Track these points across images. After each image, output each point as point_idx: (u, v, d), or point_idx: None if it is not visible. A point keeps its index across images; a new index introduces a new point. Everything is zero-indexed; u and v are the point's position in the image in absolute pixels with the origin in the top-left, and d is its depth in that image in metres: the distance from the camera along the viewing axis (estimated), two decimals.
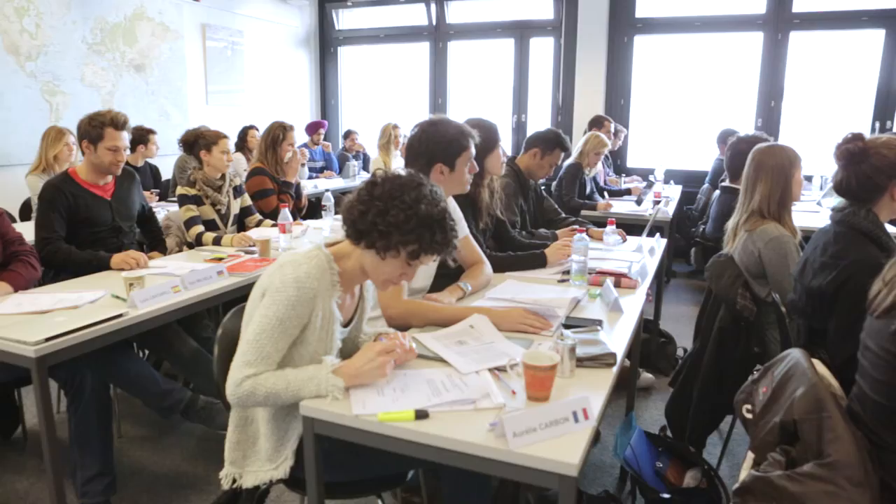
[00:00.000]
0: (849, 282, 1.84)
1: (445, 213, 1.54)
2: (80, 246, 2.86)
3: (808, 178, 5.53)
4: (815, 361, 1.61)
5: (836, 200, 2.10)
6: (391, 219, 1.50)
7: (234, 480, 1.71)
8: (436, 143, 2.17)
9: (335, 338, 1.65)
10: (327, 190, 4.63)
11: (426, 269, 2.30)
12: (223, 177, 3.58)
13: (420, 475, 2.12)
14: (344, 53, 8.28)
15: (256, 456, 1.69)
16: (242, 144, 5.96)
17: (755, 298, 2.41)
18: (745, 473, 1.59)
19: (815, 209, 4.76)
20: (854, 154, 1.95)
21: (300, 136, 6.36)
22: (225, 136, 3.58)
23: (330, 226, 3.71)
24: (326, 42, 8.21)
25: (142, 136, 4.98)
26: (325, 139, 7.19)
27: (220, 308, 3.09)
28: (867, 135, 1.99)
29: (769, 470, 1.47)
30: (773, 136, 5.74)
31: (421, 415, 1.41)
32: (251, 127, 6.05)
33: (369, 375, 1.54)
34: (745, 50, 6.42)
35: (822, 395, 1.45)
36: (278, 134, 4.08)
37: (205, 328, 2.98)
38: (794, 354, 1.63)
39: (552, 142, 3.34)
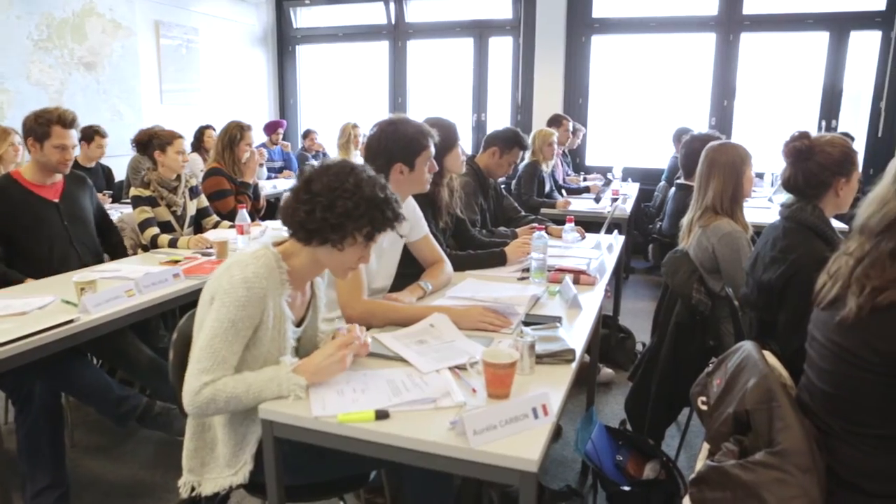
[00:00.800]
0: (797, 275, 1.90)
1: (385, 188, 1.58)
2: (29, 253, 2.75)
3: (760, 175, 5.68)
4: (766, 353, 1.66)
5: (786, 197, 2.16)
6: (340, 209, 1.51)
7: (193, 489, 1.67)
8: (395, 143, 2.16)
9: (288, 337, 1.64)
10: (286, 190, 4.54)
11: (386, 269, 2.30)
12: (178, 177, 3.51)
13: (383, 475, 2.11)
14: (302, 52, 8.19)
15: (215, 463, 1.67)
16: (199, 145, 5.84)
17: (710, 293, 2.47)
18: (700, 464, 1.63)
19: (766, 205, 4.89)
20: (801, 152, 2.01)
21: (258, 136, 6.27)
22: (180, 136, 3.51)
23: (270, 230, 3.64)
24: (284, 40, 8.11)
25: (87, 135, 4.83)
26: (283, 139, 7.10)
27: (178, 312, 3.03)
28: (813, 133, 2.05)
29: (723, 460, 1.51)
30: (726, 135, 5.89)
31: (381, 415, 1.41)
32: (207, 127, 5.94)
33: (329, 371, 1.55)
34: (698, 50, 6.57)
35: (772, 385, 1.49)
36: (235, 133, 4.01)
37: (160, 339, 2.91)
38: (746, 347, 1.67)
39: (511, 140, 3.36)
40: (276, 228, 3.72)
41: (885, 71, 5.92)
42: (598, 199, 5.12)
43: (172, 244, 3.28)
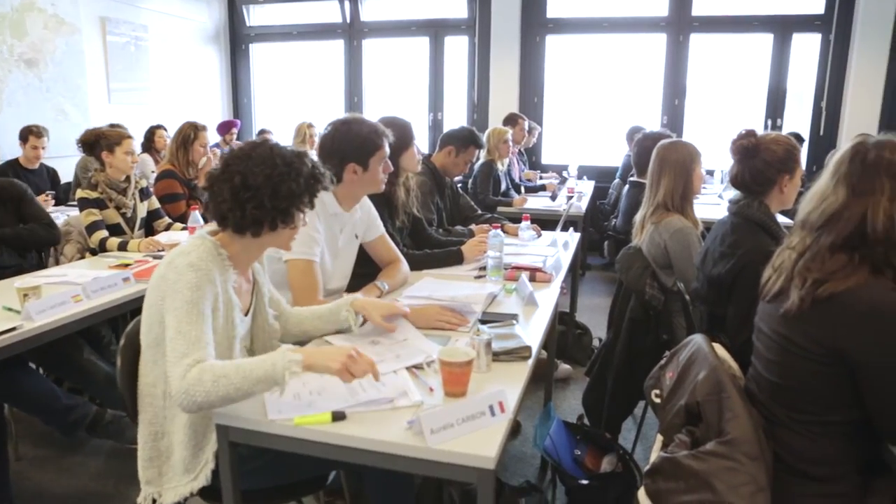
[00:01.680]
0: (745, 269, 1.95)
1: (304, 154, 1.62)
2: None
3: (710, 173, 5.83)
4: (716, 345, 1.71)
5: (735, 193, 2.22)
6: (285, 192, 1.54)
7: (154, 501, 1.62)
8: (348, 143, 2.15)
9: (236, 325, 1.62)
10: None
11: (342, 269, 2.29)
12: (128, 179, 3.41)
13: (342, 476, 2.09)
14: (256, 51, 8.07)
15: (173, 471, 1.62)
16: (149, 145, 5.70)
17: (662, 288, 2.52)
18: (654, 455, 1.67)
19: (717, 202, 5.03)
20: (747, 149, 2.07)
21: (212, 136, 6.14)
22: (129, 136, 3.41)
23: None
24: (237, 39, 7.97)
25: (21, 135, 4.65)
26: (237, 139, 6.98)
27: (129, 317, 2.95)
28: (760, 131, 2.12)
29: (676, 451, 1.54)
30: (678, 133, 6.03)
31: (338, 416, 1.40)
32: (158, 127, 5.80)
33: (325, 363, 1.45)
34: (650, 50, 6.71)
35: (721, 377, 1.53)
36: (189, 133, 3.92)
37: (113, 354, 2.82)
38: (697, 340, 1.72)
39: (466, 139, 3.37)
40: None
41: (825, 72, 6.16)
42: (554, 197, 5.18)
43: (122, 247, 3.19)
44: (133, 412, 1.67)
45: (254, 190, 1.53)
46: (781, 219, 2.29)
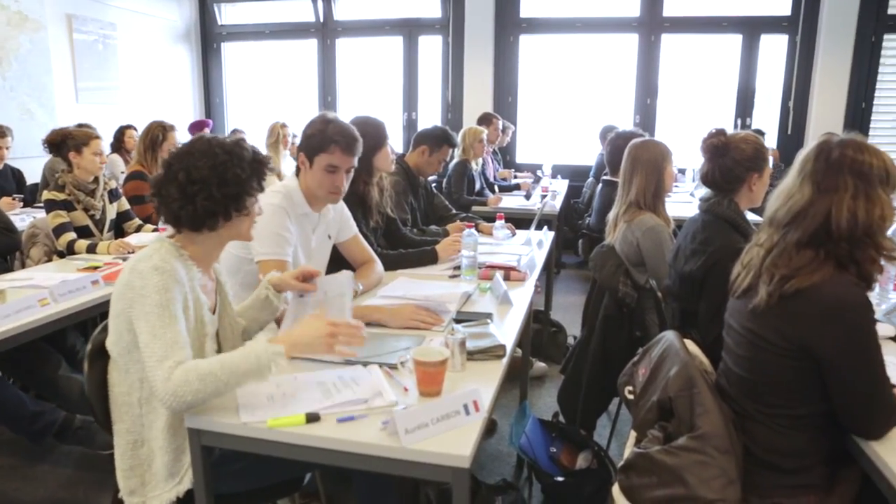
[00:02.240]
0: (715, 266, 1.98)
1: (243, 141, 1.61)
2: None
3: (682, 171, 5.92)
4: (688, 341, 1.73)
5: (706, 191, 2.25)
6: (232, 178, 1.54)
7: None
8: (303, 133, 2.15)
9: (206, 323, 1.60)
10: None
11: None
12: (96, 180, 3.35)
13: (317, 478, 2.08)
14: (228, 50, 7.97)
15: (156, 478, 1.58)
16: (119, 145, 5.59)
17: (636, 285, 2.55)
18: (628, 451, 1.68)
19: (689, 200, 5.09)
20: (717, 148, 2.11)
21: (183, 136, 6.04)
22: (97, 137, 3.34)
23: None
24: (209, 38, 7.87)
25: None
26: None
27: (98, 319, 2.89)
28: (729, 130, 2.15)
29: (649, 446, 1.56)
30: (650, 132, 6.09)
31: (312, 418, 1.39)
32: (128, 126, 5.69)
33: (311, 346, 1.50)
34: (622, 50, 6.77)
35: (692, 372, 1.55)
36: (157, 134, 3.87)
37: (81, 361, 2.76)
38: (669, 336, 1.74)
39: (439, 139, 3.37)
40: None
41: (792, 72, 6.28)
42: (528, 196, 5.20)
43: (91, 250, 3.13)
44: (104, 421, 1.64)
45: (200, 182, 1.52)
46: (752, 216, 2.34)
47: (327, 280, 1.80)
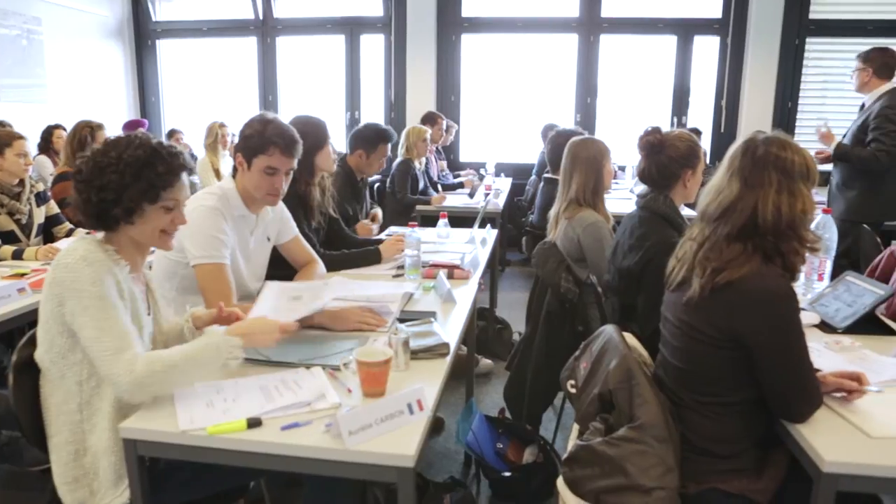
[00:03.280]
0: (652, 261, 2.04)
1: (149, 143, 1.53)
2: None
3: (622, 168, 6.06)
4: (627, 335, 1.77)
5: (643, 188, 2.32)
6: (112, 185, 1.48)
7: None
8: (241, 134, 2.11)
9: (142, 315, 1.57)
10: None
11: (255, 272, 2.23)
12: (21, 182, 3.19)
13: (262, 484, 2.04)
14: (164, 47, 7.72)
15: (105, 485, 1.52)
16: (47, 146, 5.34)
17: (577, 281, 2.59)
18: (571, 444, 1.71)
19: (629, 196, 5.21)
20: (653, 145, 2.17)
21: None
22: (21, 137, 3.18)
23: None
24: (143, 34, 7.60)
25: None
26: None
27: (27, 328, 2.76)
28: (665, 128, 2.22)
29: (591, 438, 1.59)
30: (590, 130, 6.24)
31: (253, 423, 1.36)
32: (57, 126, 5.44)
33: (260, 339, 1.57)
34: (563, 50, 6.89)
35: (631, 365, 1.59)
36: (85, 134, 3.72)
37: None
38: (608, 330, 1.78)
39: (374, 140, 3.30)
40: None
41: (724, 72, 6.52)
42: (472, 195, 5.23)
43: (17, 256, 2.97)
44: (34, 436, 1.56)
45: (85, 182, 1.49)
46: (689, 211, 2.41)
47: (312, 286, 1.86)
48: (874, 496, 1.62)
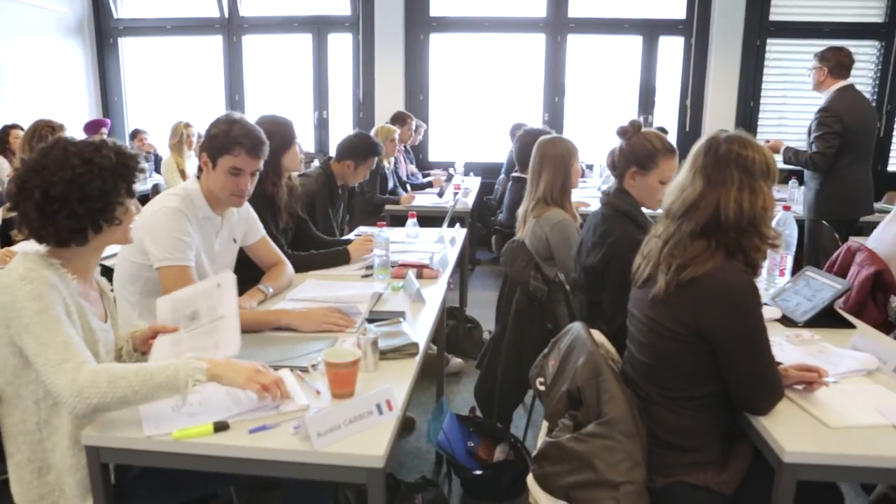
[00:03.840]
0: (615, 257, 2.07)
1: (103, 145, 1.49)
2: None
3: (590, 167, 6.13)
4: (594, 332, 1.79)
5: (608, 185, 2.35)
6: (94, 192, 1.42)
7: None
8: (206, 133, 2.07)
9: (94, 329, 1.51)
10: None
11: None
12: None
13: (232, 491, 2.02)
14: (126, 45, 7.55)
15: (72, 501, 1.48)
16: (3, 146, 5.20)
17: (545, 279, 2.61)
18: (541, 441, 1.73)
19: (598, 195, 5.26)
20: (623, 132, 2.21)
21: (78, 137, 5.70)
22: None
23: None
24: (104, 32, 7.42)
25: None
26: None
27: None
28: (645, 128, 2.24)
29: (560, 435, 1.61)
30: (558, 130, 6.29)
31: (220, 427, 1.35)
32: (14, 126, 5.29)
33: (236, 378, 1.40)
34: (530, 50, 6.92)
35: (598, 361, 1.61)
36: (46, 134, 3.63)
37: None
38: (576, 327, 1.79)
39: (365, 153, 3.29)
40: None
41: (689, 72, 6.63)
42: (441, 194, 5.23)
43: None
44: None
45: (60, 200, 1.40)
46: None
47: (203, 291, 1.68)
48: (833, 485, 1.66)
